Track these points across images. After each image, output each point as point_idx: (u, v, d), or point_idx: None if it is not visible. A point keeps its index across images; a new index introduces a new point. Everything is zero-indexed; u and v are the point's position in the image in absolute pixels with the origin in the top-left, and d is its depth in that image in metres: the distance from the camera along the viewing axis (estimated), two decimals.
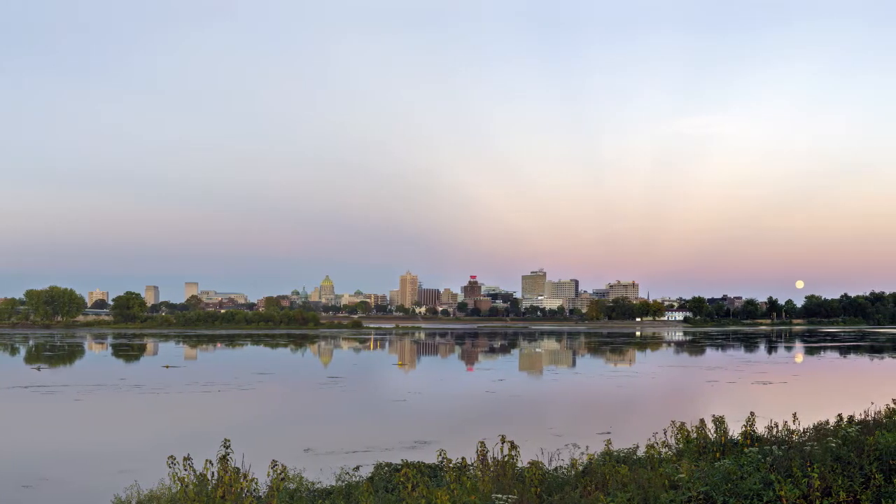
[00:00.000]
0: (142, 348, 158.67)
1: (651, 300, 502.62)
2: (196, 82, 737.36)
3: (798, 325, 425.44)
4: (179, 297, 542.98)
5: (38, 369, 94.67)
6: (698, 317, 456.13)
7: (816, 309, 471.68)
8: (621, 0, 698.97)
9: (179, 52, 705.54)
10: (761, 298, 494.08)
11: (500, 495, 16.28)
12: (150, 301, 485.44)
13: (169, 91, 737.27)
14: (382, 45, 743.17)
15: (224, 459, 16.65)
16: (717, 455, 22.37)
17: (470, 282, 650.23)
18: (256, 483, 17.09)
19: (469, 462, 19.50)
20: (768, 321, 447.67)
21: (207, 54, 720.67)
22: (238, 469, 16.77)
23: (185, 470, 16.37)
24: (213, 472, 16.48)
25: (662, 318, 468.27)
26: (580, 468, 20.37)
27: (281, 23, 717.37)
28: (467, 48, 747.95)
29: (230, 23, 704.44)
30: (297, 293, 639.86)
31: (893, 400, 29.10)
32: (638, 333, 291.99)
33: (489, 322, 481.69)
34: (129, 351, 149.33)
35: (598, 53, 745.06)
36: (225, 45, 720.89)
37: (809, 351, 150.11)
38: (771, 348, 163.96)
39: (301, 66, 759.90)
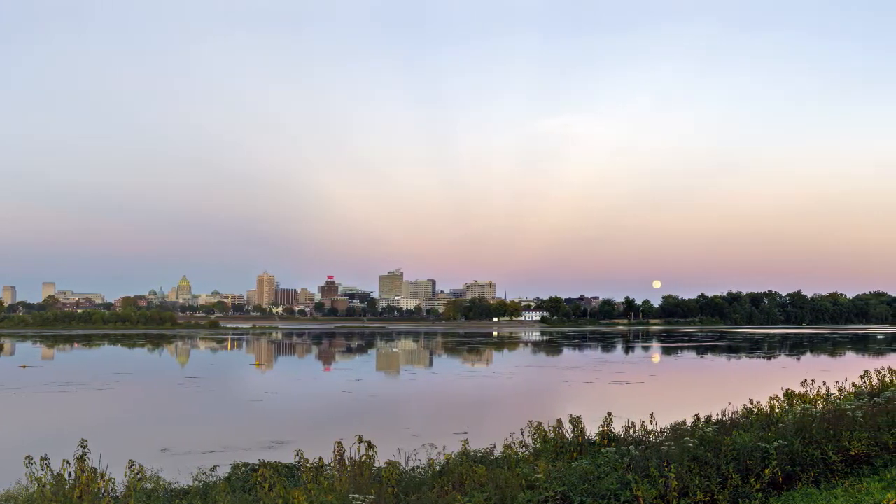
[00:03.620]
0: None
1: (508, 300, 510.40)
2: (53, 82, 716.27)
3: (655, 324, 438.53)
4: (37, 297, 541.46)
5: None
6: (555, 317, 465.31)
7: (673, 309, 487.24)
8: (481, 2, 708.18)
9: (37, 52, 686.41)
10: (618, 298, 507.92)
11: (357, 495, 16.51)
12: (7, 301, 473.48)
13: (26, 91, 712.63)
14: (241, 44, 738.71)
15: (81, 459, 16.72)
16: (575, 455, 22.78)
17: (327, 282, 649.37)
18: (114, 483, 17.23)
19: (326, 462, 19.92)
20: (625, 321, 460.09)
21: (65, 54, 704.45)
22: (95, 469, 16.82)
23: (42, 470, 16.60)
24: (70, 473, 16.60)
25: (520, 318, 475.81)
26: (437, 468, 20.67)
27: (139, 22, 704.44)
28: (327, 48, 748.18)
29: (88, 23, 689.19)
30: (155, 293, 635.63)
31: (750, 400, 30.19)
32: (495, 333, 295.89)
33: (346, 322, 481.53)
34: None
35: (456, 54, 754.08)
36: (83, 45, 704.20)
37: (666, 351, 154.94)
38: (628, 348, 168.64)
39: (159, 65, 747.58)
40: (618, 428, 25.28)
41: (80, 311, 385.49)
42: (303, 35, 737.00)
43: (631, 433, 24.97)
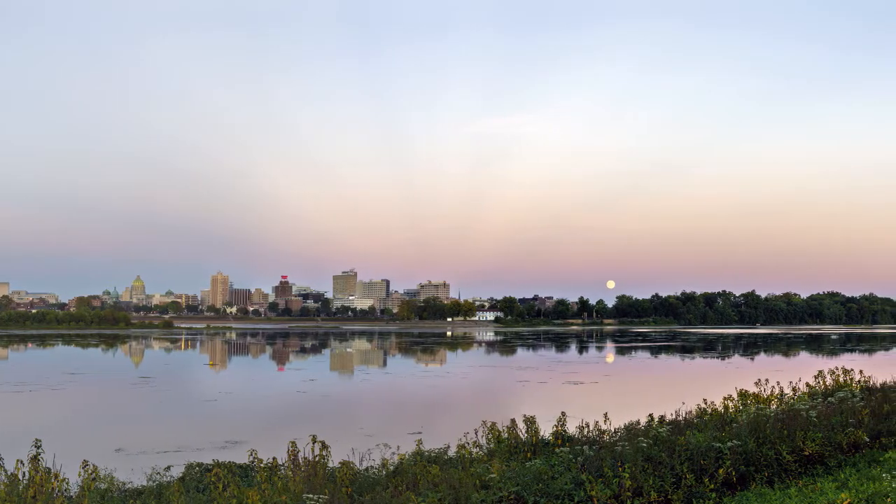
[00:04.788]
0: None
1: (462, 300, 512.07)
2: (3, 82, 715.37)
3: (609, 324, 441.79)
4: None
5: None
6: (509, 317, 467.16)
7: (628, 309, 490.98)
8: (431, 1, 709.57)
9: None
10: (573, 298, 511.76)
11: (311, 495, 16.56)
12: None
13: None
14: (194, 44, 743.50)
15: (35, 459, 16.74)
16: (529, 455, 22.85)
17: (281, 282, 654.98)
18: (68, 483, 17.28)
19: (280, 462, 20.08)
20: (580, 321, 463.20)
21: (17, 55, 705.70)
22: (49, 469, 16.83)
23: None
24: (24, 473, 16.66)
25: (473, 318, 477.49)
26: (391, 468, 20.78)
27: (92, 22, 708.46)
28: (279, 49, 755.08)
29: (38, 23, 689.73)
30: (109, 293, 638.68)
31: (704, 400, 30.43)
32: (449, 333, 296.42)
33: (300, 322, 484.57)
34: None
35: (407, 54, 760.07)
36: (33, 44, 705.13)
37: (620, 351, 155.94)
38: (582, 348, 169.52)
39: (113, 66, 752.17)
40: (572, 428, 25.38)
41: (34, 311, 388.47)
42: (256, 35, 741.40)
43: (585, 433, 25.08)
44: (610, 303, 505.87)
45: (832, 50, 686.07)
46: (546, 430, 25.57)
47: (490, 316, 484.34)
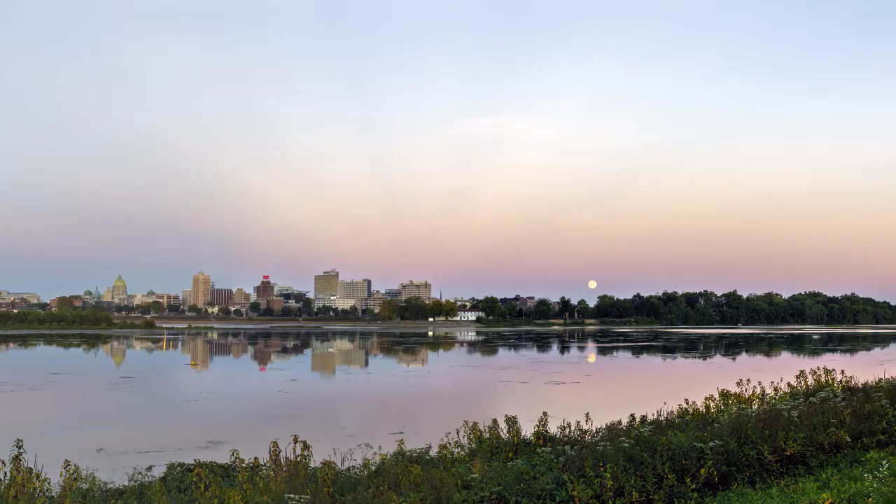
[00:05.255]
0: None
1: (444, 300, 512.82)
2: None
3: (591, 324, 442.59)
4: None
5: None
6: (491, 317, 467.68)
7: (609, 309, 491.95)
8: (412, 0, 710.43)
9: None
10: (554, 298, 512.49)
11: (292, 495, 16.59)
12: None
13: None
14: (176, 45, 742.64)
15: (17, 460, 16.96)
16: (510, 455, 22.87)
17: (263, 282, 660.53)
18: (49, 483, 17.35)
19: (262, 462, 20.18)
20: (561, 321, 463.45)
21: None
22: (31, 469, 17.00)
23: None
24: (5, 473, 16.81)
25: (455, 318, 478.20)
26: (373, 468, 20.84)
27: (72, 23, 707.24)
28: (260, 48, 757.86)
29: (19, 23, 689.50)
30: (90, 293, 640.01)
31: (686, 400, 30.52)
32: (430, 333, 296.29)
33: (282, 322, 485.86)
34: None
35: (388, 53, 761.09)
36: (14, 45, 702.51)
37: (602, 351, 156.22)
38: (564, 348, 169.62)
39: (92, 65, 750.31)
40: (553, 428, 25.45)
41: (15, 311, 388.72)
42: (238, 36, 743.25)
43: (566, 433, 25.14)
44: (591, 303, 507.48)
45: (813, 51, 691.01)
46: (528, 430, 25.62)
47: (472, 316, 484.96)
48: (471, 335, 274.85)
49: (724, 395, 32.52)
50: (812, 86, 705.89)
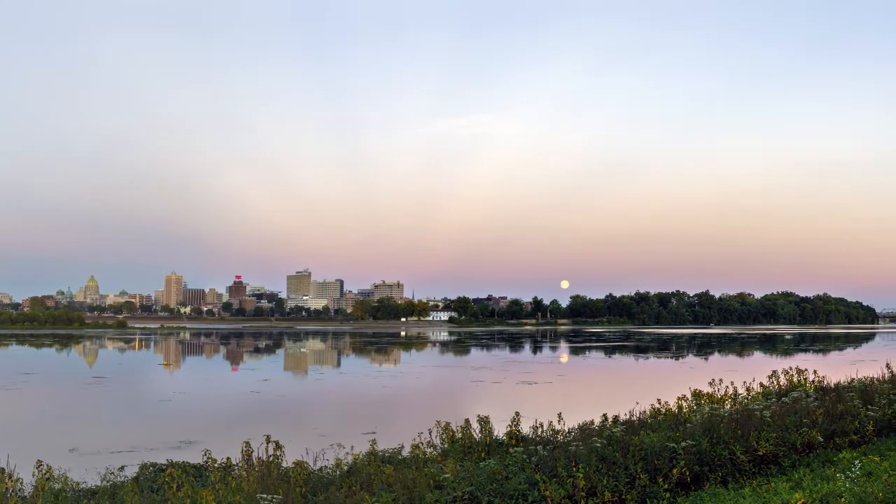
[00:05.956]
0: None
1: (416, 300, 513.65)
2: None
3: (563, 324, 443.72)
4: None
5: None
6: (463, 317, 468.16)
7: (581, 309, 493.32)
8: (386, 1, 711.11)
9: None
10: (526, 298, 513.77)
11: (265, 495, 16.63)
12: None
13: None
14: (147, 44, 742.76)
15: None
16: (483, 455, 22.88)
17: (235, 282, 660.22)
18: (21, 483, 17.24)
19: (234, 462, 20.33)
20: (533, 321, 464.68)
21: None
22: (3, 469, 17.09)
23: None
24: None
25: (427, 318, 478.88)
26: (345, 468, 20.83)
27: (45, 22, 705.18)
28: (234, 48, 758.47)
29: None
30: (63, 293, 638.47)
31: (658, 400, 30.60)
32: (403, 333, 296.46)
33: (254, 322, 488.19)
34: None
35: (362, 53, 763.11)
36: None
37: (574, 351, 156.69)
38: (536, 348, 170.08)
39: (65, 65, 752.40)
40: (526, 428, 25.45)
41: None
42: (210, 35, 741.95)
43: (539, 433, 25.15)
44: (564, 303, 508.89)
45: (784, 50, 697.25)
46: (500, 430, 25.62)
47: (444, 316, 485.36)
48: (443, 335, 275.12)
49: (697, 395, 32.59)
50: (784, 85, 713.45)
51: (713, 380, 35.33)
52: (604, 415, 26.16)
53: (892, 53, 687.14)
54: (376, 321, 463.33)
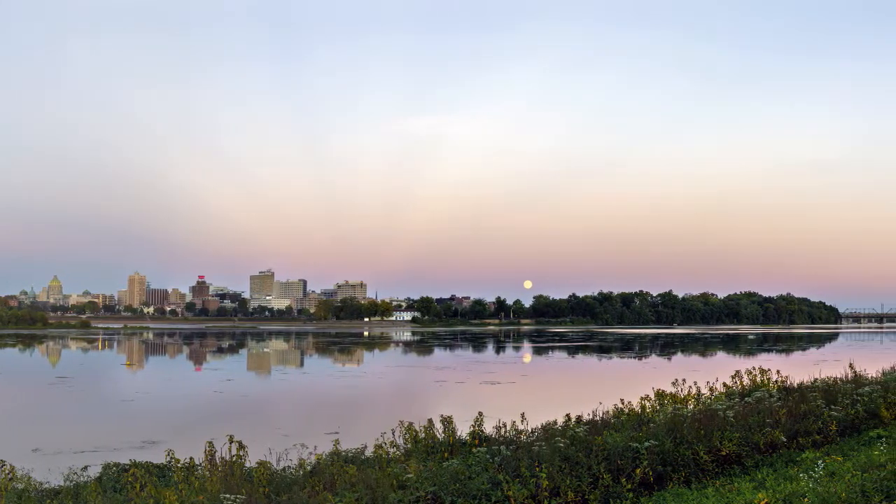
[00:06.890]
0: None
1: (379, 300, 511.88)
2: None
3: (526, 324, 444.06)
4: None
5: None
6: (426, 317, 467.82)
7: (545, 309, 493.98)
8: (352, 1, 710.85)
9: None
10: (489, 298, 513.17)
11: (228, 495, 16.68)
12: None
13: None
14: (112, 44, 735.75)
15: None
16: (446, 455, 22.91)
17: (198, 282, 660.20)
18: None
19: (197, 462, 20.17)
20: (497, 321, 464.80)
21: None
22: None
23: None
24: None
25: (391, 318, 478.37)
26: (308, 468, 20.92)
27: (9, 20, 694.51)
28: (199, 48, 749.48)
29: None
30: (26, 293, 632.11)
31: (621, 400, 30.75)
32: (366, 333, 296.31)
33: (218, 322, 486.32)
34: None
35: (327, 53, 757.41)
36: None
37: (538, 351, 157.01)
38: (499, 348, 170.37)
39: (30, 64, 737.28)
40: (489, 428, 25.53)
41: None
42: (176, 35, 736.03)
43: (502, 433, 25.23)
44: (527, 303, 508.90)
45: (753, 50, 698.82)
46: (463, 430, 25.68)
47: (407, 316, 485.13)
48: (406, 335, 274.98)
49: (660, 394, 32.75)
50: (750, 85, 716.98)
51: (676, 380, 35.46)
52: (567, 415, 26.26)
53: (861, 54, 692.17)
54: (339, 321, 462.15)
